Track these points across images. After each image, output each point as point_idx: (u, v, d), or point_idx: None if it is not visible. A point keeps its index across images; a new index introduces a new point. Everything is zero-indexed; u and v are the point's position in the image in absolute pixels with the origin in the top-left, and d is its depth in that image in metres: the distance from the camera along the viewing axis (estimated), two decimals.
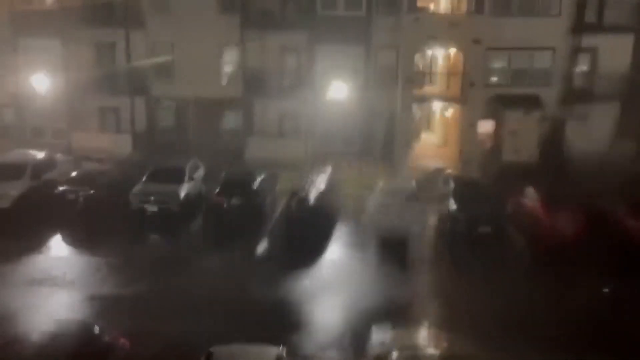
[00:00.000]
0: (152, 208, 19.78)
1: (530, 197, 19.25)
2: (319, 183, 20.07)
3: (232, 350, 9.45)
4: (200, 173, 22.67)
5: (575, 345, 12.23)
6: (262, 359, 9.16)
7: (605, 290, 15.03)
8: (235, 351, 9.43)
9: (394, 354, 9.16)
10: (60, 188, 20.36)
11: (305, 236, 18.46)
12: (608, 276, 15.83)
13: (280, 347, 9.57)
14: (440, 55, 28.85)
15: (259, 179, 20.51)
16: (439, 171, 24.12)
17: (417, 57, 27.25)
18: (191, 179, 21.47)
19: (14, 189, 19.95)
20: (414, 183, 20.12)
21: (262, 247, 18.10)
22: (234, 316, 13.33)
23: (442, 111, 29.29)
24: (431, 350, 9.85)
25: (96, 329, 10.11)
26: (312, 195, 19.18)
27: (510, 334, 12.47)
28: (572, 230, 17.80)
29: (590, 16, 25.35)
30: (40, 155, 22.57)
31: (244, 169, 23.25)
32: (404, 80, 26.38)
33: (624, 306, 14.29)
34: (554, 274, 16.05)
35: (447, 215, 19.15)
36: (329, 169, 22.24)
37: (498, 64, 26.50)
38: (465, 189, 19.45)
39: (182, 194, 20.34)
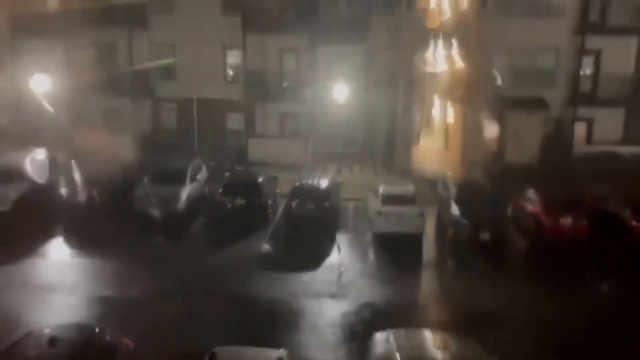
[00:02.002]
0: (154, 210, 19.68)
1: (533, 199, 19.16)
2: (320, 185, 19.98)
3: (235, 352, 9.33)
4: (202, 174, 22.62)
5: (577, 346, 12.13)
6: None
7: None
8: (238, 354, 9.32)
9: (396, 355, 9.08)
10: (62, 189, 20.28)
11: (306, 238, 18.42)
12: (611, 277, 15.80)
13: (283, 350, 9.45)
14: (442, 56, 28.79)
15: (261, 180, 20.40)
16: (440, 174, 24.01)
17: (418, 58, 27.16)
18: (194, 180, 21.41)
19: (14, 192, 19.86)
20: (413, 187, 20.00)
21: (264, 248, 18.02)
22: (237, 317, 13.28)
23: (443, 113, 29.19)
24: (433, 352, 9.76)
25: (97, 331, 10.00)
26: (313, 197, 19.10)
27: (512, 336, 12.39)
28: (575, 232, 17.82)
29: (594, 17, 25.30)
30: (41, 156, 22.49)
31: (247, 170, 23.19)
32: (405, 81, 26.30)
33: (627, 307, 14.16)
34: (557, 276, 15.97)
35: (449, 219, 19.08)
36: (330, 171, 22.16)
37: (501, 64, 26.44)
38: (466, 193, 19.31)
39: (185, 195, 20.27)
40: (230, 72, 28.69)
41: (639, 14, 25.31)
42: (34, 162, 21.80)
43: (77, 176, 21.36)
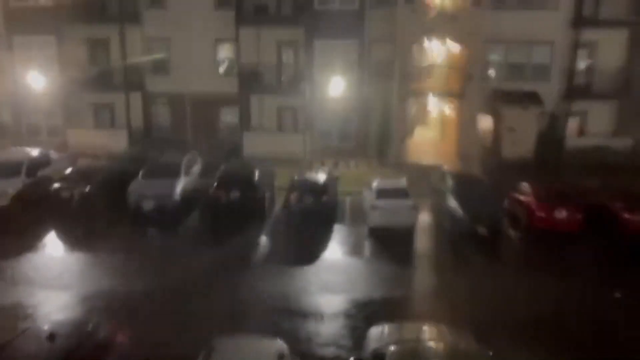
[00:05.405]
0: (148, 204, 19.64)
1: (528, 192, 19.26)
2: (316, 179, 20.00)
3: (234, 342, 9.35)
4: (197, 168, 22.59)
5: (573, 342, 12.21)
6: (263, 351, 9.04)
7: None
8: (237, 343, 9.34)
9: (392, 349, 9.12)
10: (56, 185, 20.25)
11: (302, 232, 18.45)
12: (606, 271, 15.92)
13: (281, 341, 9.50)
14: (437, 49, 28.79)
15: (256, 174, 20.35)
16: (436, 167, 24.08)
17: (414, 51, 27.14)
18: (188, 174, 21.38)
19: (10, 187, 19.86)
20: (405, 180, 20.06)
21: (260, 242, 18.04)
22: (232, 313, 13.30)
23: (439, 106, 29.23)
24: (429, 345, 9.81)
25: (92, 326, 10.01)
26: (309, 191, 19.13)
27: (508, 330, 12.47)
28: (570, 225, 17.96)
29: (588, 10, 25.33)
30: (36, 152, 22.49)
31: (242, 164, 23.15)
32: (401, 75, 26.29)
33: (621, 302, 14.27)
34: (552, 269, 16.08)
35: (444, 212, 19.14)
36: (326, 165, 22.15)
37: (496, 57, 26.51)
38: (462, 186, 19.39)
39: (179, 189, 20.25)
40: (224, 66, 28.62)
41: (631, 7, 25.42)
42: (31, 157, 21.83)
43: (72, 171, 21.32)
